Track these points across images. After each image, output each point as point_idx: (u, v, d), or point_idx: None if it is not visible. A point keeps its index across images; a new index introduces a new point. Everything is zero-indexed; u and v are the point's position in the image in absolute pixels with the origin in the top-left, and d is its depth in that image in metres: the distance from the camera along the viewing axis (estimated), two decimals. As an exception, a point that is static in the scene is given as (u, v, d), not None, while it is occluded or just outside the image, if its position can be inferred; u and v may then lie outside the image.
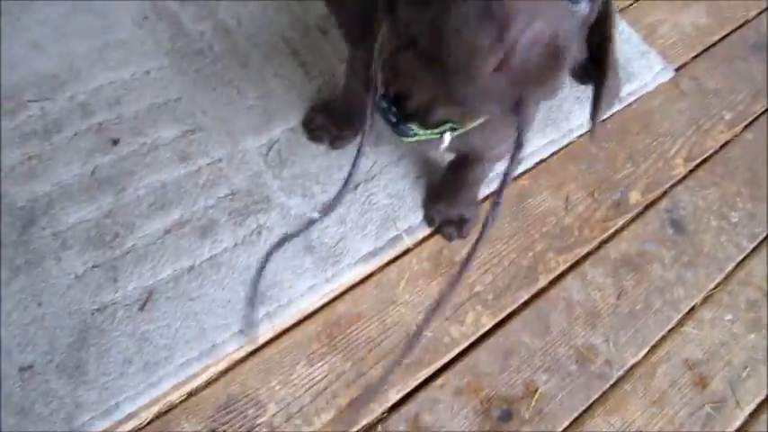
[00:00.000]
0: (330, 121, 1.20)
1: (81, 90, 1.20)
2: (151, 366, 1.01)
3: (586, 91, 1.32)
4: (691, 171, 1.38)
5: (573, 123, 1.34)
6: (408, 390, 1.07)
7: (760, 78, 1.53)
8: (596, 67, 0.70)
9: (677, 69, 1.50)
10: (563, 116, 1.34)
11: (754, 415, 1.15)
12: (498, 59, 0.49)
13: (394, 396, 1.06)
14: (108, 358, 1.01)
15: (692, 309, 1.23)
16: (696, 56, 1.55)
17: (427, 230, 1.20)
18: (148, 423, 0.99)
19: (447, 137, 0.81)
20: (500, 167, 1.16)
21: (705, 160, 1.40)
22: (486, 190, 1.23)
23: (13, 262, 1.05)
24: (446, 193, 1.18)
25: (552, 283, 1.21)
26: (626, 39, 1.48)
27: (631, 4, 1.59)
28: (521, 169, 1.29)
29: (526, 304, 1.18)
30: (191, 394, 1.02)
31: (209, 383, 1.03)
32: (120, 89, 1.21)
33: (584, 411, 1.10)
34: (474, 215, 1.19)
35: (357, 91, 1.00)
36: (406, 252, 1.18)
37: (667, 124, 1.42)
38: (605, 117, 1.38)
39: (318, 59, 1.31)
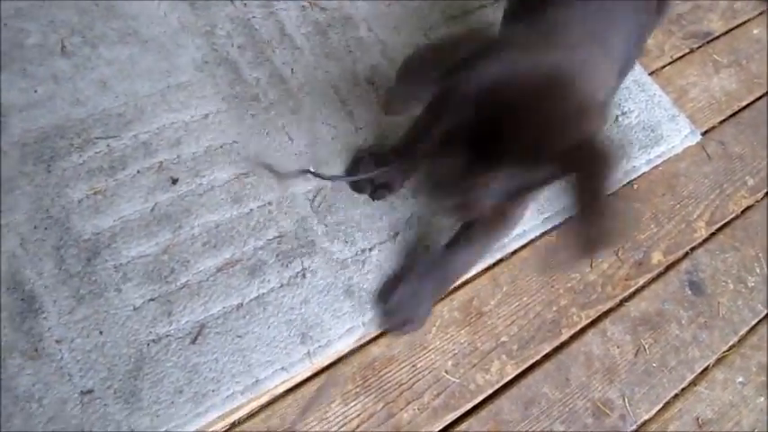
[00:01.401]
0: (375, 169, 1.28)
1: (144, 129, 1.29)
2: (199, 397, 1.09)
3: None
4: (712, 234, 1.44)
5: (602, 183, 1.41)
6: (434, 432, 1.15)
7: (784, 145, 1.60)
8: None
9: (704, 133, 1.57)
10: (593, 176, 1.41)
11: (758, 477, 1.22)
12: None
13: (420, 438, 1.14)
14: (161, 387, 1.09)
15: (706, 369, 1.30)
16: (723, 120, 1.61)
17: (458, 281, 1.27)
18: (195, 450, 1.08)
19: None
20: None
21: (726, 224, 1.46)
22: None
23: (78, 291, 1.13)
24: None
25: (574, 337, 1.28)
26: (657, 102, 1.55)
27: (664, 66, 1.66)
28: (549, 226, 1.36)
29: (548, 356, 1.25)
30: (234, 425, 1.10)
31: (251, 416, 1.11)
32: (181, 130, 1.30)
33: (598, 463, 1.18)
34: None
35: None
36: (438, 300, 1.25)
37: (692, 187, 1.49)
38: (633, 178, 1.45)
39: (365, 110, 1.39)
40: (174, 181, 1.26)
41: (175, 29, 1.41)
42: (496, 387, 1.21)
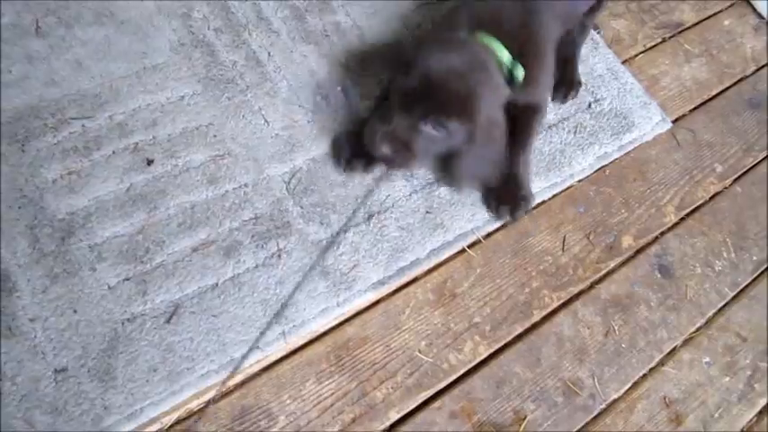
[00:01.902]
0: (358, 149, 1.29)
1: (120, 110, 1.29)
2: (174, 376, 1.10)
3: (588, 139, 1.42)
4: (681, 219, 1.48)
5: (574, 168, 1.44)
6: (408, 410, 1.17)
7: (752, 133, 1.64)
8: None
9: (675, 121, 1.60)
10: (565, 161, 1.44)
11: (723, 453, 1.25)
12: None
13: (394, 416, 1.15)
14: (135, 366, 1.10)
15: (673, 350, 1.33)
16: (694, 108, 1.65)
17: (432, 263, 1.29)
18: (169, 428, 1.08)
19: None
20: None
21: (695, 210, 1.50)
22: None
23: (52, 270, 1.13)
24: None
25: (545, 318, 1.30)
26: (629, 90, 1.58)
27: (637, 55, 1.69)
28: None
29: (520, 337, 1.27)
30: (209, 403, 1.11)
31: (225, 394, 1.12)
32: (157, 112, 1.30)
33: (568, 440, 1.20)
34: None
35: None
36: (412, 282, 1.27)
37: (662, 173, 1.52)
38: (605, 163, 1.48)
39: (342, 94, 1.40)
40: (150, 162, 1.26)
41: (152, 10, 1.41)
42: (469, 366, 1.22)
